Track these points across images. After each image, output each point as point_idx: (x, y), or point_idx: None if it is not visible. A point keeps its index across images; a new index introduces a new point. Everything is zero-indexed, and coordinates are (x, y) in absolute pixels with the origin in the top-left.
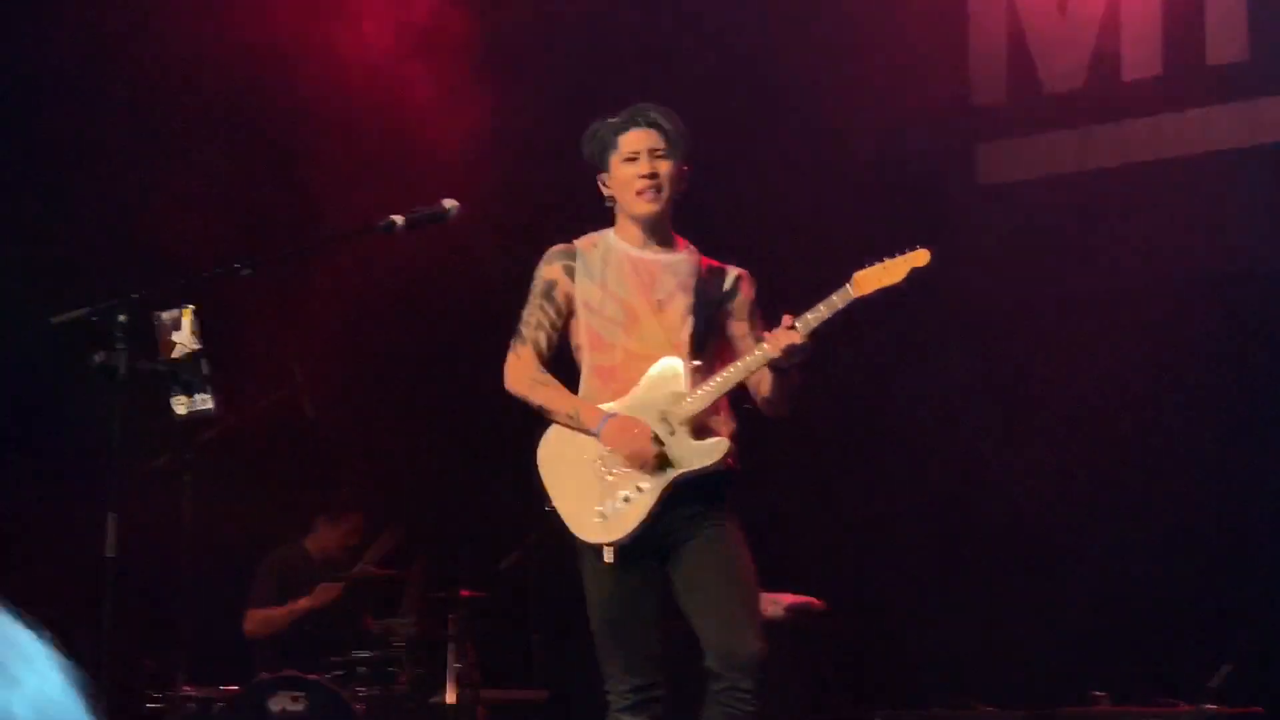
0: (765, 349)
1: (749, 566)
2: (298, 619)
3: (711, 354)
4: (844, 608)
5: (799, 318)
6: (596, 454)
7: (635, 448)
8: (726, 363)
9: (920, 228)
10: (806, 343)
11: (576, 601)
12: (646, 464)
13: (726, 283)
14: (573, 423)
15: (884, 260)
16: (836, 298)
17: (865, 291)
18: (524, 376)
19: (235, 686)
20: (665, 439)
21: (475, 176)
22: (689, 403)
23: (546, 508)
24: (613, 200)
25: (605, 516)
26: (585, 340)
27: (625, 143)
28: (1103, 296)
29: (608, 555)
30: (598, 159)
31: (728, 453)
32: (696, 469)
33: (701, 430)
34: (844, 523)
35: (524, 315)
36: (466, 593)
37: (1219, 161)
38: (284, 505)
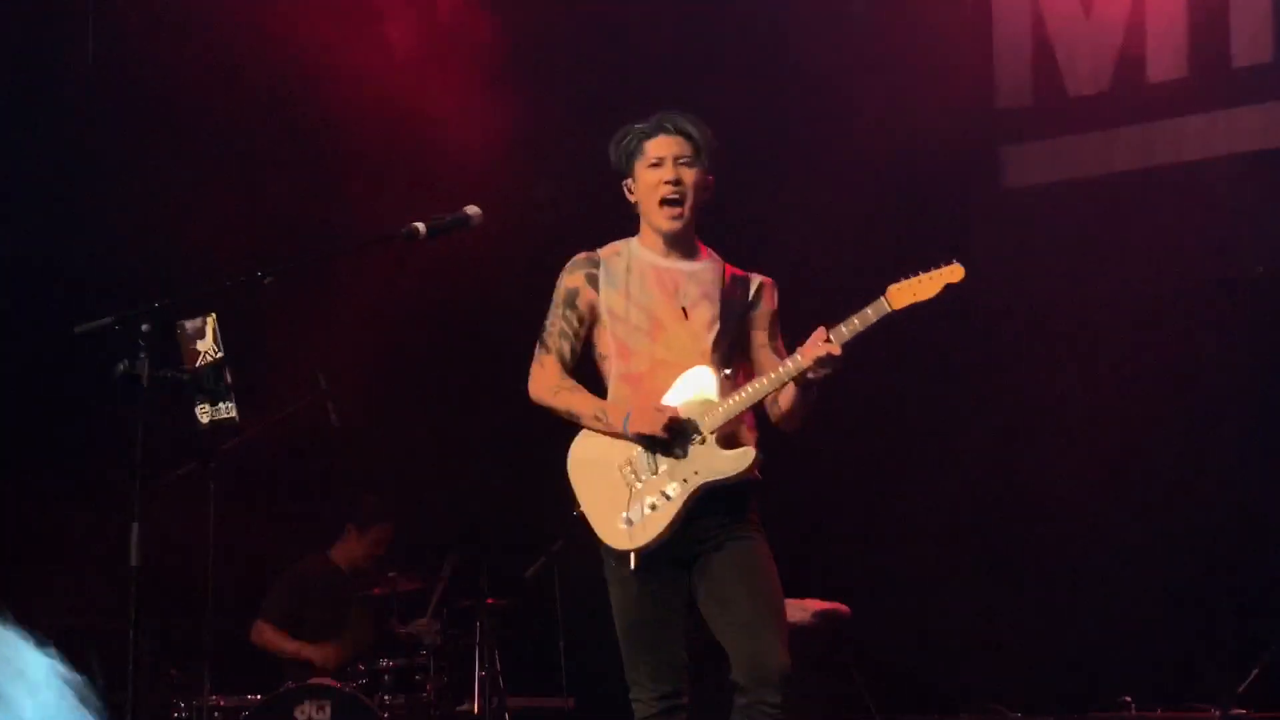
0: (799, 361)
1: (775, 579)
2: (297, 661)
3: (738, 362)
4: (871, 614)
5: (832, 329)
6: (625, 459)
7: (663, 420)
8: (751, 372)
9: (944, 230)
10: (839, 357)
11: (602, 609)
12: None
13: (750, 291)
14: (600, 424)
15: (918, 274)
16: (871, 311)
17: (899, 306)
18: (548, 385)
19: (261, 695)
20: (694, 447)
21: (502, 183)
22: (719, 412)
23: (575, 512)
24: (637, 207)
25: (631, 523)
26: (611, 349)
27: (651, 148)
28: (1128, 298)
29: (631, 562)
30: (624, 165)
31: (754, 462)
32: (723, 478)
33: (729, 440)
34: (870, 529)
35: (547, 324)
36: (492, 601)
37: (1244, 163)
38: (309, 515)
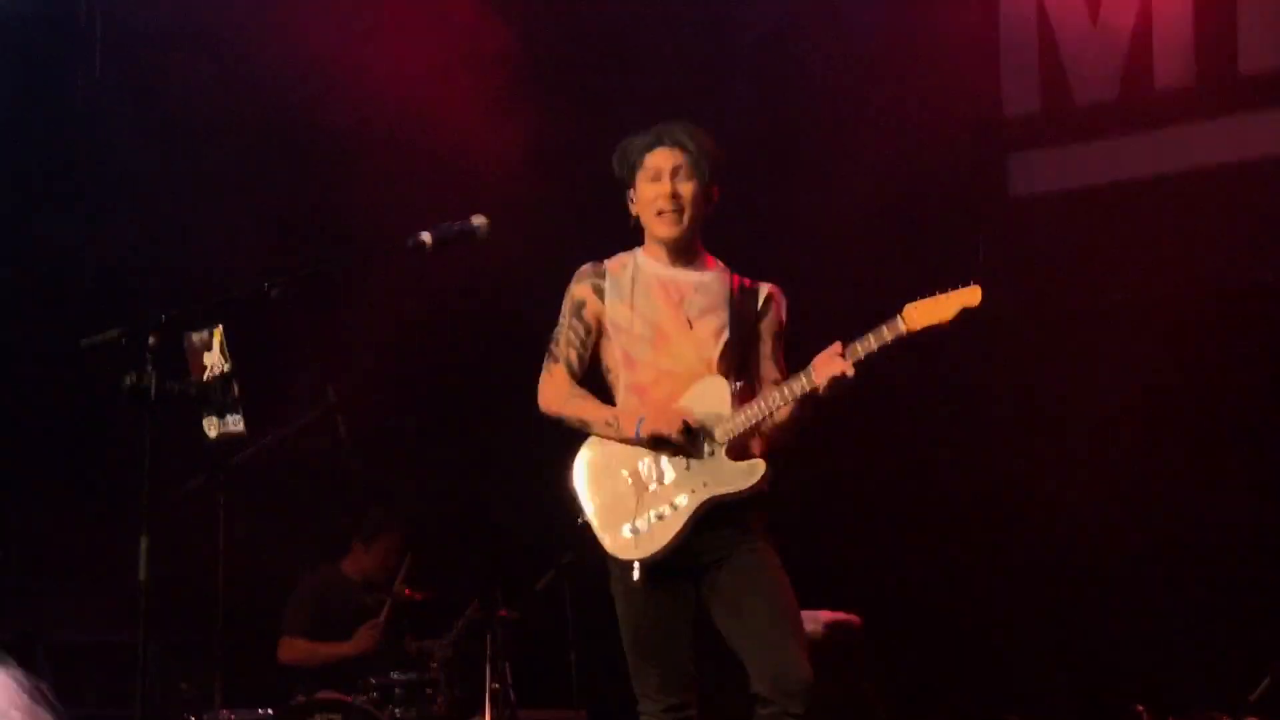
0: (812, 378)
1: (789, 590)
2: (333, 662)
3: (745, 373)
4: (882, 625)
5: (847, 347)
6: (632, 469)
7: (678, 424)
8: (754, 382)
9: (953, 238)
10: (852, 378)
11: (613, 621)
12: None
13: (759, 301)
14: (611, 430)
15: (935, 294)
16: (886, 331)
17: (916, 328)
18: (558, 394)
19: (272, 709)
20: (704, 459)
21: (514, 194)
22: (731, 424)
23: (579, 521)
24: (638, 219)
25: (637, 532)
26: (617, 360)
27: (649, 161)
28: (1136, 306)
29: (636, 572)
30: (626, 177)
31: (764, 477)
32: (733, 491)
33: (739, 452)
34: (881, 539)
35: (555, 335)
36: (503, 613)
37: (1253, 170)
38: (319, 527)
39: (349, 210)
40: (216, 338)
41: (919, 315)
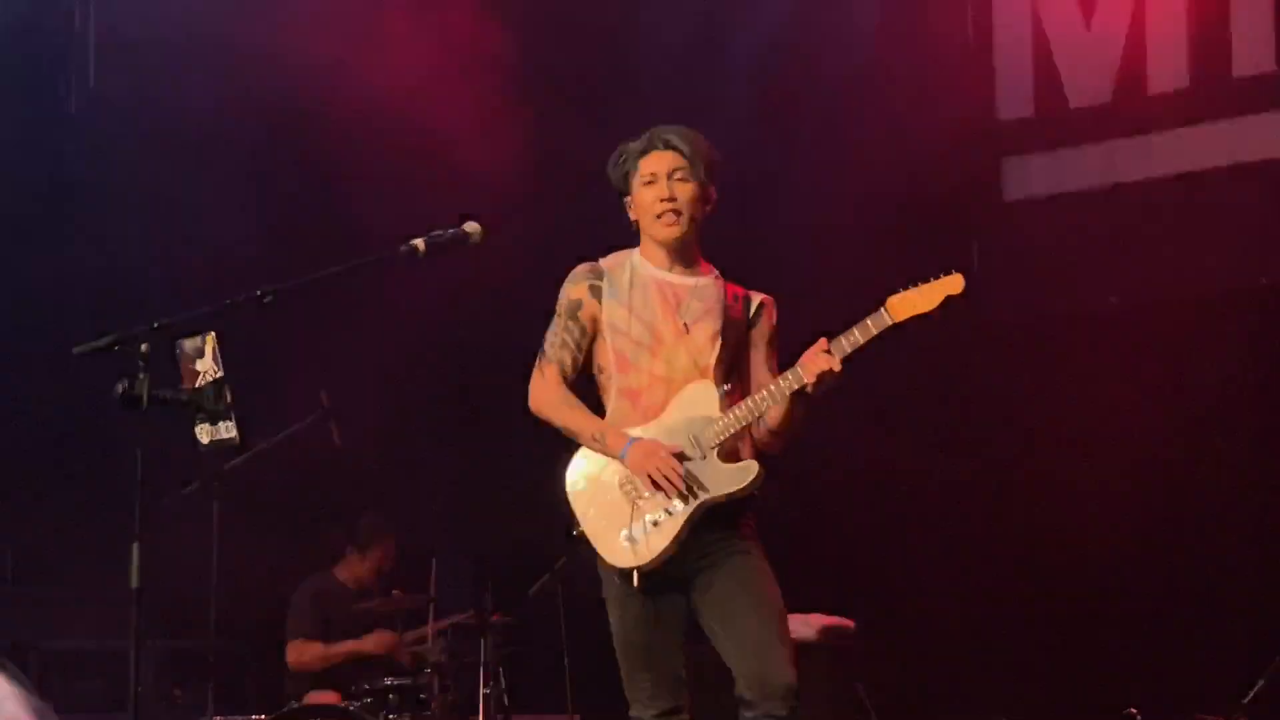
0: (800, 375)
1: (777, 593)
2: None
3: (737, 380)
4: (875, 628)
5: (832, 342)
6: (626, 476)
7: (661, 471)
8: (747, 391)
9: (947, 243)
10: (839, 373)
11: (607, 626)
12: (672, 487)
13: (751, 309)
14: (598, 446)
15: (918, 284)
16: (872, 324)
17: (901, 319)
18: (549, 398)
19: (265, 716)
20: (695, 463)
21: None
22: (719, 427)
23: (574, 532)
24: (637, 225)
25: (633, 540)
26: (612, 362)
27: (645, 165)
28: (1131, 311)
29: (635, 580)
30: (622, 183)
31: (759, 478)
32: (726, 494)
33: (731, 455)
34: (874, 543)
35: (548, 335)
36: (497, 618)
37: (1247, 174)
38: (312, 534)
39: (344, 216)
40: (209, 345)
41: (903, 306)
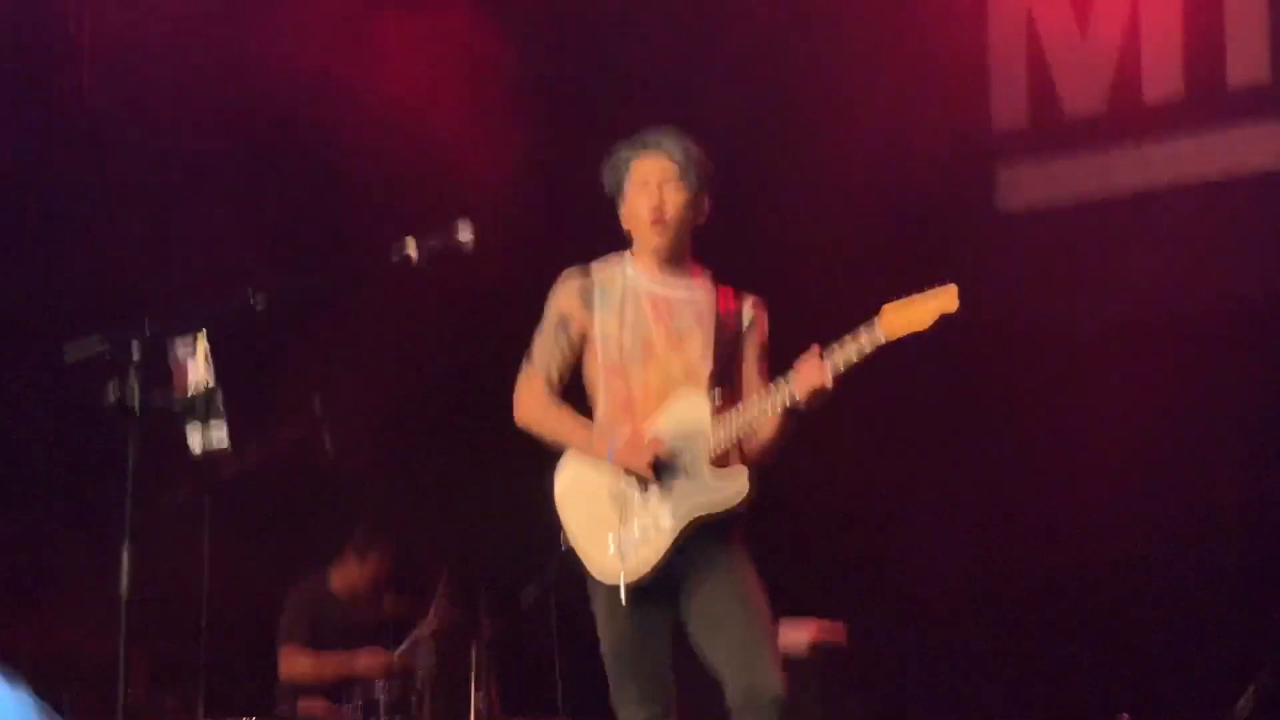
0: (791, 390)
1: (764, 602)
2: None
3: (730, 387)
4: (868, 636)
5: (826, 352)
6: (615, 488)
7: (648, 457)
8: (739, 397)
9: (940, 252)
10: (830, 389)
11: (597, 633)
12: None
13: (745, 313)
14: (588, 452)
15: (910, 296)
16: (865, 340)
17: (894, 336)
18: (535, 405)
19: None
20: (685, 476)
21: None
22: (711, 440)
23: (563, 546)
24: (629, 230)
25: (622, 555)
26: (602, 371)
27: (636, 171)
28: (1126, 321)
29: (622, 596)
30: (615, 189)
31: (751, 491)
32: (720, 508)
33: (722, 467)
34: (866, 550)
35: (535, 342)
36: (488, 627)
37: (1242, 184)
38: (305, 541)
39: (339, 222)
40: (201, 349)
41: (896, 323)
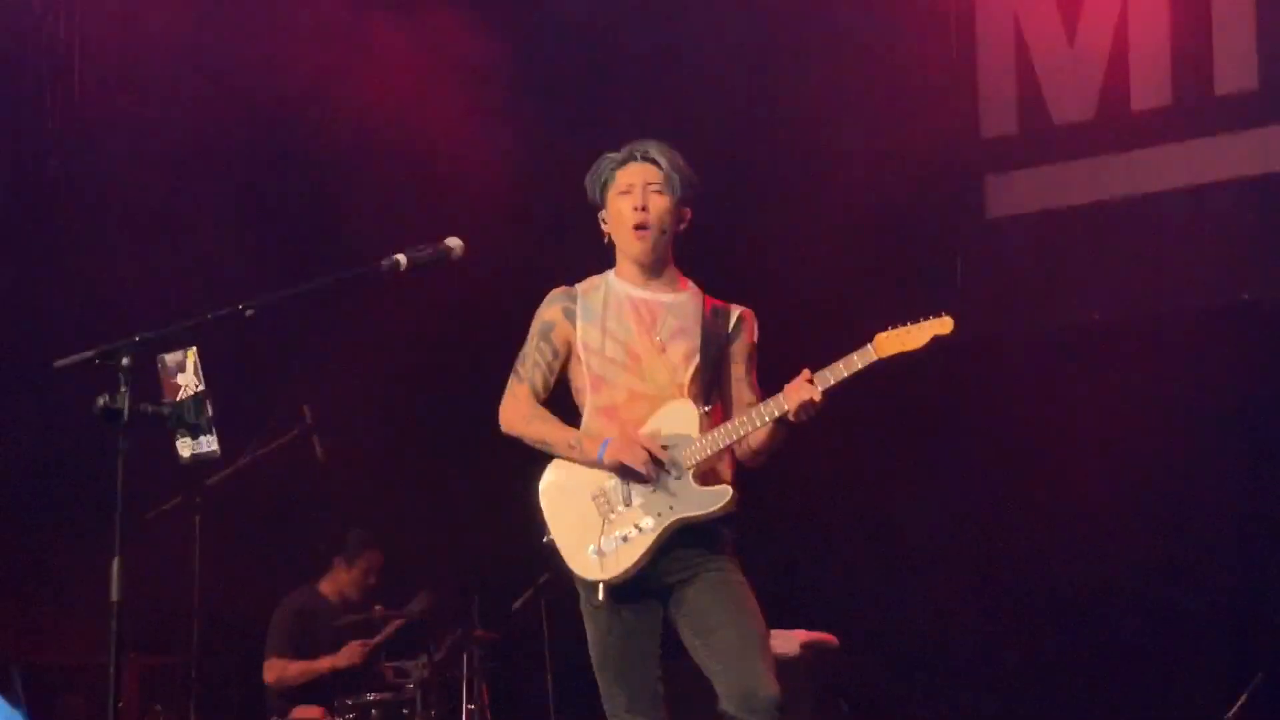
0: (781, 404)
1: (756, 608)
2: (321, 676)
3: (716, 396)
4: (857, 643)
5: (817, 374)
6: (599, 490)
7: (643, 454)
8: (727, 404)
9: (930, 260)
10: (822, 402)
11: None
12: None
13: (730, 323)
14: (574, 453)
15: (907, 324)
16: (857, 358)
17: (886, 355)
18: (519, 414)
19: None
20: (671, 481)
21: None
22: (697, 448)
23: (545, 539)
24: (610, 240)
25: (602, 554)
26: (587, 382)
27: (621, 177)
28: (1114, 327)
29: (599, 593)
30: (598, 196)
31: (731, 501)
32: (700, 515)
33: (707, 475)
34: (857, 559)
35: (521, 355)
36: (480, 633)
37: (1229, 191)
38: (295, 548)
39: (330, 230)
40: (190, 359)
41: (890, 344)
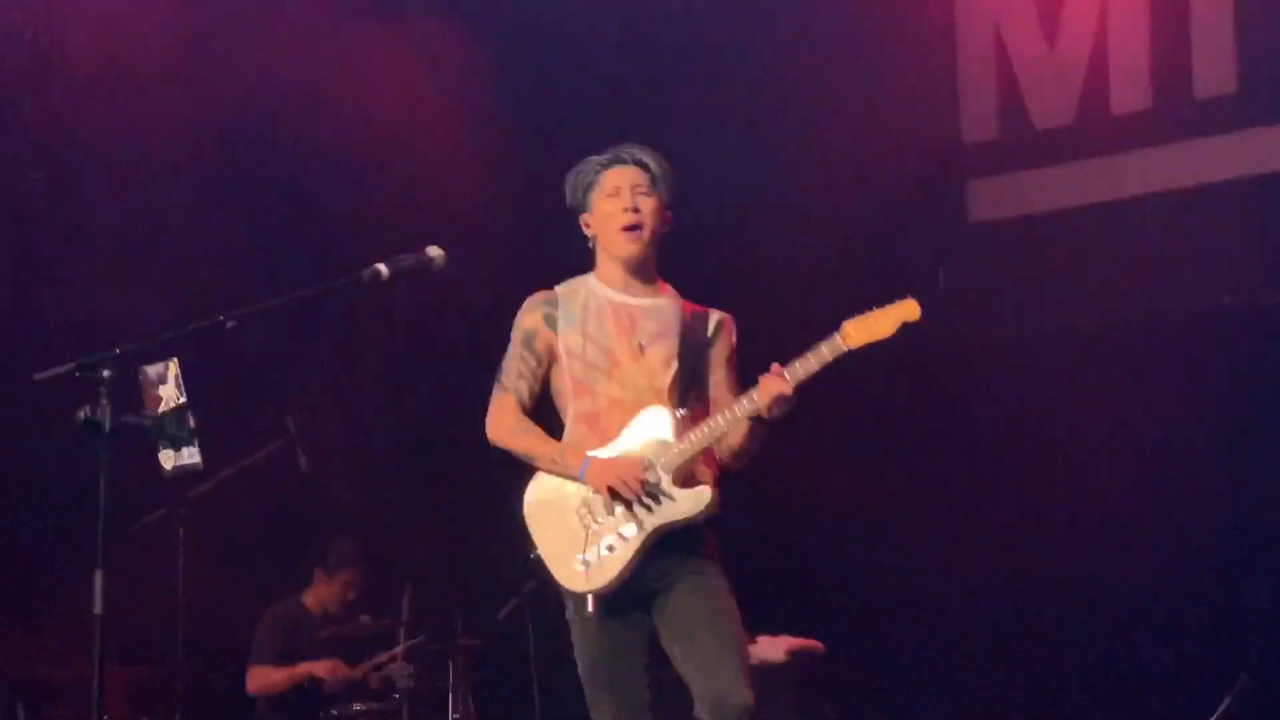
0: (754, 399)
1: (735, 614)
2: (302, 685)
3: (695, 400)
4: (843, 650)
5: (787, 367)
6: (581, 501)
7: (621, 479)
8: (707, 409)
9: (911, 265)
10: (794, 395)
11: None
12: (632, 494)
13: (709, 328)
14: (556, 467)
15: (872, 310)
16: (826, 349)
17: (856, 344)
18: (506, 426)
19: None
20: (650, 488)
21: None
22: (675, 452)
23: (531, 555)
24: (594, 242)
25: (588, 565)
26: (568, 387)
27: (608, 179)
28: (1095, 331)
29: (589, 604)
30: (580, 199)
31: (712, 503)
32: (681, 519)
33: (687, 479)
34: (842, 565)
35: (504, 365)
36: (465, 642)
37: (1209, 194)
38: (280, 559)
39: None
40: (172, 371)
41: (858, 332)
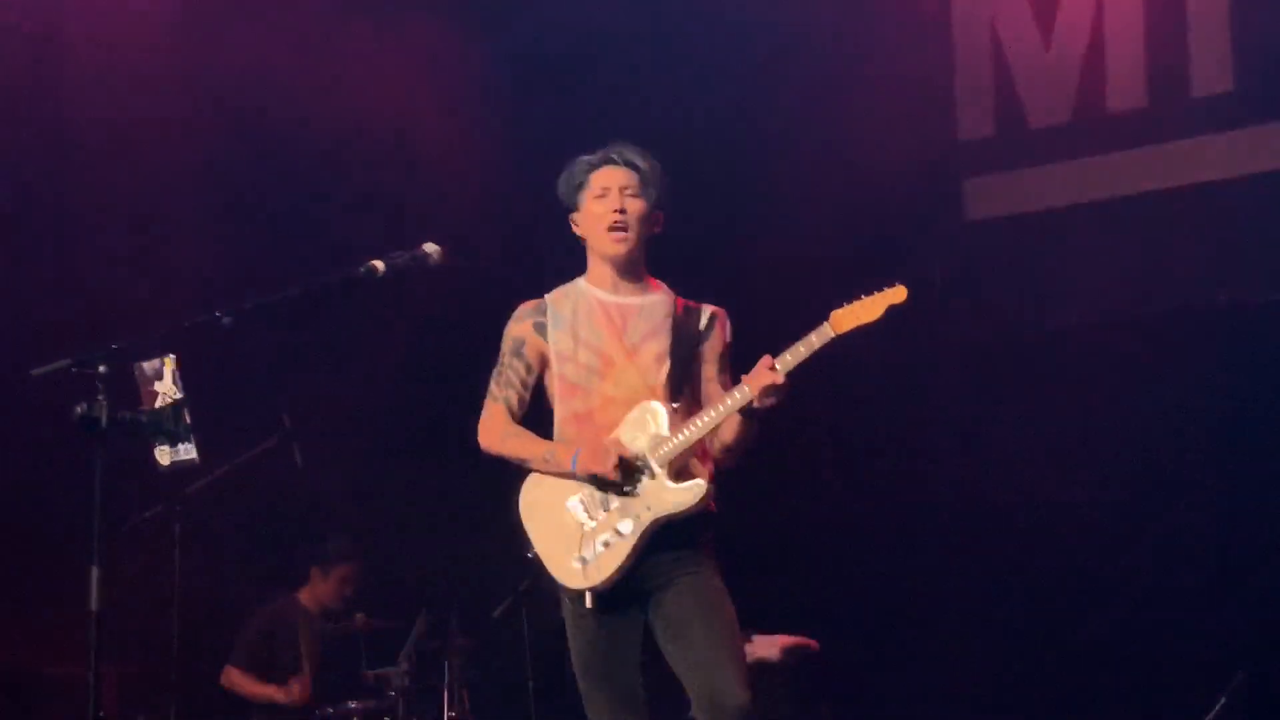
0: (746, 391)
1: (731, 612)
2: (263, 705)
3: (689, 396)
4: (839, 648)
5: (778, 358)
6: (577, 499)
7: (612, 459)
8: (702, 404)
9: (907, 262)
10: (785, 384)
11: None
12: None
13: (702, 323)
14: (548, 465)
15: (860, 297)
16: (815, 337)
17: (843, 330)
18: (495, 433)
19: None
20: (645, 482)
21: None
22: (669, 446)
23: (529, 554)
24: (584, 241)
25: (585, 562)
26: (560, 389)
27: (597, 179)
28: (1092, 329)
29: (588, 601)
30: (570, 199)
31: (706, 495)
32: (676, 512)
33: (681, 473)
34: (838, 563)
35: (495, 373)
36: (461, 641)
37: (1206, 192)
38: (275, 556)
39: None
40: (168, 366)
41: (845, 319)
